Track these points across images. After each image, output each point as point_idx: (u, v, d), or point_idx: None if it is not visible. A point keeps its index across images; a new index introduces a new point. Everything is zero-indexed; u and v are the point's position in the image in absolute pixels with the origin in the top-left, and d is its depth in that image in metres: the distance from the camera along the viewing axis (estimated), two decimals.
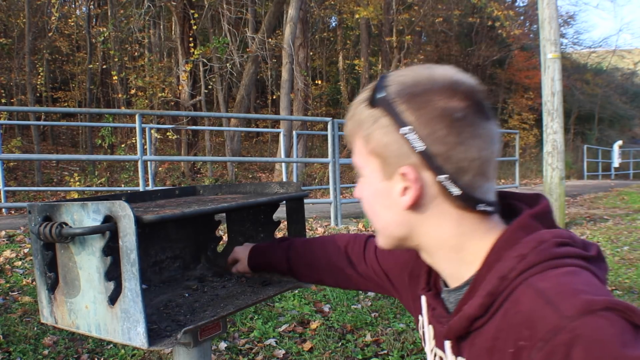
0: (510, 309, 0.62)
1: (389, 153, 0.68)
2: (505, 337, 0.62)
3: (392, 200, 0.70)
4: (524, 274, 0.62)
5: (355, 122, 0.72)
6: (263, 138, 17.84)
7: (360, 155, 0.73)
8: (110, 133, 10.93)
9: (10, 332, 2.76)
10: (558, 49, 5.85)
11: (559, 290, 0.58)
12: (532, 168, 17.58)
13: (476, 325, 0.67)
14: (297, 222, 1.31)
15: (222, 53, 11.24)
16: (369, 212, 0.76)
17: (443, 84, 0.66)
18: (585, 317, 0.55)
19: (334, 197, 5.69)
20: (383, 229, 0.75)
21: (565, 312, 0.56)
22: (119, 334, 0.90)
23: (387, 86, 0.68)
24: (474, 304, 0.65)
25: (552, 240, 0.64)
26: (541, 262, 0.62)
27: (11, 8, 14.75)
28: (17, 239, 4.37)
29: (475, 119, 0.66)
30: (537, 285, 0.60)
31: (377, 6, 15.47)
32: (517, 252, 0.63)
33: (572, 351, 0.54)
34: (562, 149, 5.91)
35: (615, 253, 5.13)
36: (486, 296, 0.64)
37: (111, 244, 0.89)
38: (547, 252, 0.63)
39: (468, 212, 0.68)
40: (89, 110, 10.80)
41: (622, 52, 28.20)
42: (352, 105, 0.74)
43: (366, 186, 0.74)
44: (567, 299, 0.57)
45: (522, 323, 0.59)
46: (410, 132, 0.65)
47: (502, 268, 0.63)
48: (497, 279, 0.63)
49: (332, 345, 2.83)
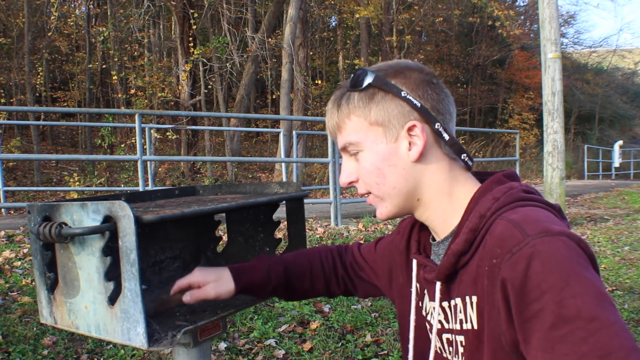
0: (487, 240, 0.74)
1: (391, 117, 0.82)
2: (484, 262, 0.73)
3: (399, 157, 0.83)
4: (498, 211, 0.75)
5: (347, 106, 0.84)
6: (263, 138, 17.85)
7: (358, 132, 0.84)
8: (109, 133, 10.94)
9: (9, 333, 2.76)
10: (558, 48, 5.85)
11: (525, 218, 0.71)
12: (533, 168, 17.58)
13: (462, 262, 0.78)
14: (297, 222, 1.31)
15: (222, 53, 11.23)
16: (374, 179, 0.84)
17: (411, 65, 0.85)
18: (545, 237, 0.67)
19: (334, 197, 5.68)
20: (391, 189, 0.84)
21: (529, 232, 0.68)
22: (118, 334, 0.90)
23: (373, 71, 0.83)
24: (460, 240, 0.78)
25: (520, 187, 0.79)
26: (512, 202, 0.76)
27: (10, 8, 14.75)
28: (16, 239, 4.36)
29: (441, 85, 0.85)
30: (508, 217, 0.73)
31: (377, 6, 15.47)
32: (492, 195, 0.78)
33: (531, 262, 0.65)
34: (563, 148, 5.91)
35: (615, 253, 5.12)
36: (469, 232, 0.77)
37: (111, 244, 0.88)
38: (516, 195, 0.77)
39: (454, 162, 0.84)
40: (89, 110, 10.78)
41: (622, 52, 28.21)
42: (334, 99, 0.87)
43: (367, 158, 0.84)
44: (531, 223, 0.69)
45: (495, 244, 0.71)
46: (408, 94, 0.81)
47: (480, 208, 0.77)
48: (477, 218, 0.77)
49: (332, 346, 2.82)
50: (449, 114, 0.84)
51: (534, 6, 19.87)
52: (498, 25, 17.23)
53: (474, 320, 0.77)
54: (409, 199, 0.85)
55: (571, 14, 31.21)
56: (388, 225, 5.60)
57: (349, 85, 0.85)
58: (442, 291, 0.84)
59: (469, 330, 0.78)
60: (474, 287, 0.76)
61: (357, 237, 4.98)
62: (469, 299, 0.78)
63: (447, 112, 0.84)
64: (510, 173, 0.85)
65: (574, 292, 0.62)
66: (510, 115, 21.06)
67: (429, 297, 0.89)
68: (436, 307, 0.85)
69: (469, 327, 0.78)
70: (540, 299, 0.63)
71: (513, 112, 21.01)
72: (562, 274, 0.63)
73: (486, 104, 21.69)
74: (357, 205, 7.46)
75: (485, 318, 0.74)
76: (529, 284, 0.64)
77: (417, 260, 0.92)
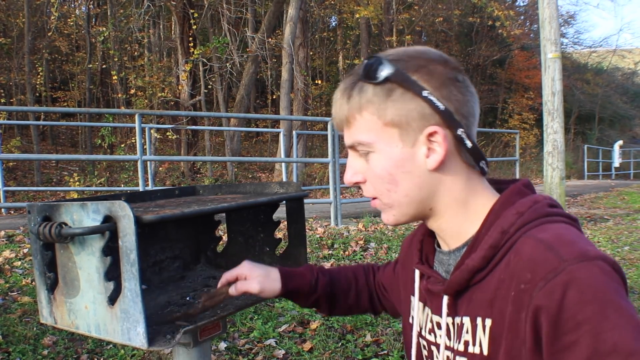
0: (512, 259, 0.68)
1: (410, 119, 0.72)
2: (507, 284, 0.67)
3: (415, 164, 0.74)
4: (522, 228, 0.69)
5: (359, 99, 0.74)
6: (263, 138, 17.84)
7: (371, 131, 0.75)
8: (109, 133, 10.93)
9: (9, 333, 2.76)
10: (558, 48, 5.85)
11: (557, 239, 0.65)
12: (533, 168, 17.58)
13: (476, 279, 0.72)
14: (297, 222, 1.31)
15: (222, 53, 11.23)
16: (385, 185, 0.76)
17: (434, 56, 0.75)
18: (583, 263, 0.62)
19: (334, 197, 5.68)
20: (403, 197, 0.76)
21: (565, 256, 0.63)
22: (118, 334, 0.90)
23: (391, 62, 0.73)
24: (477, 256, 0.71)
25: (545, 201, 0.73)
26: (537, 218, 0.70)
27: (10, 8, 14.74)
28: (16, 239, 4.36)
29: (467, 82, 0.76)
30: (537, 235, 0.67)
31: (377, 6, 15.46)
32: (516, 209, 0.71)
33: (568, 291, 0.60)
34: (563, 148, 5.90)
35: (615, 253, 5.12)
36: (488, 249, 0.70)
37: (111, 244, 0.88)
38: (541, 210, 0.71)
39: (472, 169, 0.76)
40: (89, 110, 10.79)
41: (622, 52, 28.18)
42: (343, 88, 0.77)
43: (379, 161, 0.76)
44: (566, 246, 0.64)
45: (525, 268, 0.65)
46: (430, 95, 0.72)
47: (502, 223, 0.71)
48: (498, 233, 0.70)
49: (332, 346, 2.82)
50: (472, 117, 0.75)
51: (534, 6, 19.86)
52: (498, 25, 17.21)
53: (485, 345, 0.71)
54: (420, 208, 0.77)
55: (571, 14, 31.23)
56: (388, 226, 5.60)
57: (362, 74, 0.74)
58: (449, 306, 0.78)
59: (475, 354, 0.72)
60: (489, 309, 0.70)
61: (357, 237, 4.98)
62: (480, 321, 0.71)
63: (472, 115, 0.75)
64: (528, 183, 0.78)
65: (611, 324, 0.58)
66: (510, 115, 21.05)
67: (432, 310, 0.83)
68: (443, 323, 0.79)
69: (477, 352, 0.72)
70: (576, 330, 0.59)
71: (513, 112, 21.00)
72: (600, 305, 0.59)
73: (486, 104, 21.67)
74: (357, 205, 7.46)
75: (501, 345, 0.68)
76: (565, 314, 0.60)
77: (420, 271, 0.85)
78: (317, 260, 4.35)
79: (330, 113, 7.12)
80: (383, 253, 4.68)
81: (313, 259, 4.35)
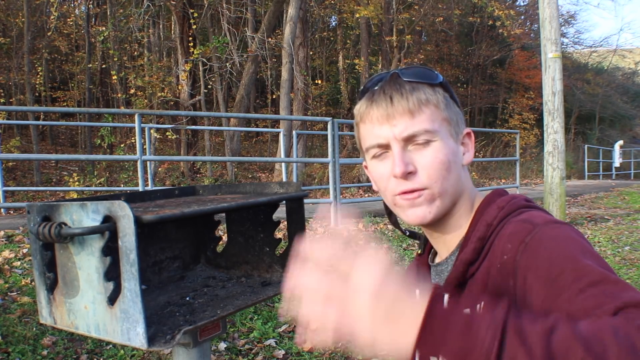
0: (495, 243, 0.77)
1: (458, 119, 0.87)
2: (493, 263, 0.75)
3: (459, 158, 0.86)
4: (505, 219, 0.79)
5: (423, 93, 0.83)
6: (263, 138, 17.83)
7: (435, 122, 0.83)
8: (109, 133, 10.93)
9: (9, 333, 2.75)
10: (559, 48, 5.84)
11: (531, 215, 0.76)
12: (533, 168, 17.58)
13: (471, 271, 0.79)
14: (297, 222, 1.30)
15: (222, 53, 11.23)
16: (442, 173, 0.83)
17: None
18: (554, 224, 0.72)
19: (334, 197, 5.68)
20: (450, 186, 0.84)
21: (538, 222, 0.73)
22: (118, 334, 0.89)
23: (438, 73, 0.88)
24: (468, 249, 0.79)
25: (521, 197, 0.84)
26: (516, 210, 0.80)
27: (10, 7, 14.74)
28: (16, 239, 4.36)
29: None
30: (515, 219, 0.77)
31: (377, 5, 15.45)
32: (497, 205, 0.82)
33: (545, 244, 0.69)
34: (563, 148, 5.90)
35: (616, 253, 5.12)
36: (477, 241, 0.79)
37: (110, 244, 0.88)
38: (519, 203, 0.81)
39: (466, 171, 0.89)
40: (88, 110, 10.78)
41: (623, 52, 28.17)
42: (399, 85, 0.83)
43: (441, 149, 0.83)
44: (538, 217, 0.75)
45: (505, 242, 0.74)
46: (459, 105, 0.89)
47: (487, 218, 0.80)
48: (484, 227, 0.79)
49: (332, 346, 2.82)
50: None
51: (534, 6, 19.87)
52: (498, 25, 17.22)
53: None
54: (453, 200, 0.86)
55: (571, 14, 31.16)
56: (388, 226, 5.59)
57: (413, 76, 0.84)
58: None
59: None
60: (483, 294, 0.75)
61: None
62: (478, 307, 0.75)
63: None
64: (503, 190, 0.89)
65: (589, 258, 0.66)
66: (510, 115, 21.05)
67: None
68: None
69: None
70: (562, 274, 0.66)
71: (513, 112, 20.99)
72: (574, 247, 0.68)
73: (486, 103, 21.68)
74: (357, 206, 7.45)
75: None
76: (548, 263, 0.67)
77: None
78: None
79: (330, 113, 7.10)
80: None
81: None
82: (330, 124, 5.86)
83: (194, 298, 1.20)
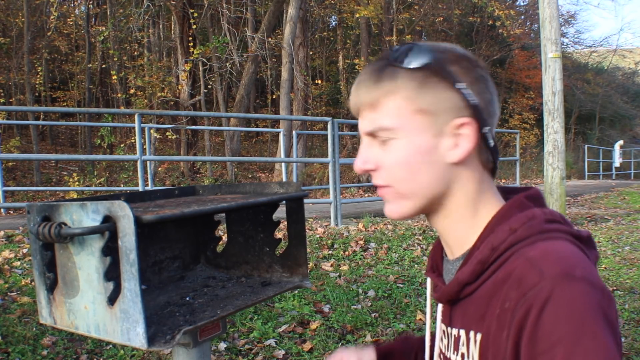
0: (500, 278, 0.67)
1: (441, 109, 0.71)
2: (495, 302, 0.67)
3: (437, 155, 0.73)
4: (514, 246, 0.67)
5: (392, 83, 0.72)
6: (263, 138, 17.83)
7: (399, 117, 0.72)
8: (109, 133, 10.93)
9: (9, 333, 2.75)
10: (559, 48, 5.84)
11: (544, 256, 0.63)
12: (533, 168, 17.58)
13: (466, 291, 0.73)
14: (297, 222, 1.30)
15: (222, 52, 11.23)
16: (402, 174, 0.74)
17: (467, 53, 0.75)
18: (564, 281, 0.59)
19: (334, 197, 5.68)
20: (420, 188, 0.74)
21: (546, 272, 0.60)
22: (118, 334, 0.89)
23: (430, 52, 0.72)
24: (466, 270, 0.71)
25: (542, 217, 0.69)
26: (530, 236, 0.67)
27: (10, 7, 14.73)
28: (15, 239, 4.36)
29: (492, 82, 0.75)
30: (526, 254, 0.65)
31: (377, 5, 15.45)
32: (509, 225, 0.69)
33: (545, 308, 0.59)
34: (563, 148, 5.90)
35: (616, 253, 5.12)
36: (477, 264, 0.70)
37: (110, 244, 0.88)
38: (536, 227, 0.68)
39: (485, 171, 0.76)
40: (88, 110, 10.78)
41: (623, 52, 28.16)
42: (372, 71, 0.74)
43: (402, 148, 0.73)
44: (550, 262, 0.62)
45: (510, 287, 0.64)
46: (466, 88, 0.71)
47: (493, 240, 0.69)
48: (488, 250, 0.69)
49: (332, 346, 2.82)
50: (495, 117, 0.75)
51: (534, 6, 19.87)
52: (498, 25, 17.20)
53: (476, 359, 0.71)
54: (432, 202, 0.75)
55: (571, 14, 31.18)
56: (388, 226, 5.59)
57: (395, 59, 0.73)
58: (445, 314, 0.79)
59: None
60: (480, 324, 0.70)
61: (357, 237, 4.97)
62: (473, 335, 0.72)
63: (495, 114, 0.75)
64: (534, 195, 0.76)
65: (583, 351, 0.56)
66: (510, 115, 21.04)
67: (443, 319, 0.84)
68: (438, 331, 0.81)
69: None
70: (549, 351, 0.58)
71: (513, 112, 20.99)
72: (575, 328, 0.57)
73: None
74: (357, 205, 7.46)
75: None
76: (539, 333, 0.59)
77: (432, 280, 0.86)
78: (317, 260, 4.35)
79: (330, 113, 7.15)
80: (383, 253, 4.68)
81: (313, 259, 4.35)
82: (330, 124, 5.86)
83: (194, 298, 1.20)
